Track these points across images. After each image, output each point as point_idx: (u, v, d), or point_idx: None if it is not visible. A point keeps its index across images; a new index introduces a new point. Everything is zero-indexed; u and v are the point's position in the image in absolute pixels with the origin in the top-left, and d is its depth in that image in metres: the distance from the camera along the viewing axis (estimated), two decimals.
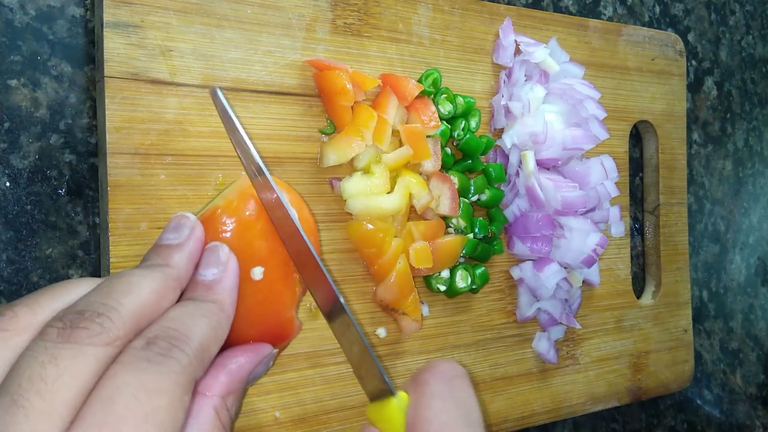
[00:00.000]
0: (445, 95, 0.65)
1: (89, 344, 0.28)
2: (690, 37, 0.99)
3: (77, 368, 0.27)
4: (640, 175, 0.89)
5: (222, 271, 0.37)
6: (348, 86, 0.57)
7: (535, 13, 0.74)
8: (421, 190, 0.61)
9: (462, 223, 0.65)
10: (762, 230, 1.07)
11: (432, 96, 0.64)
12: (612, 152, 0.78)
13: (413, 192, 0.61)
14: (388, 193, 0.60)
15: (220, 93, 0.38)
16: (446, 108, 0.65)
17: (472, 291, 0.67)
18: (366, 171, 0.60)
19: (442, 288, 0.65)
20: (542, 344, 0.73)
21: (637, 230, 0.89)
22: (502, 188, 0.70)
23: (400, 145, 0.61)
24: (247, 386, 0.38)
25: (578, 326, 0.74)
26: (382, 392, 0.40)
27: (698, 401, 0.98)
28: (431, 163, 0.62)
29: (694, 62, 0.99)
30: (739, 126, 1.05)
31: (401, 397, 0.40)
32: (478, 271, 0.67)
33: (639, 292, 0.87)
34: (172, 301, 0.33)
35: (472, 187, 0.66)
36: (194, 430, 0.32)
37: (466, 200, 0.66)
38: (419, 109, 0.62)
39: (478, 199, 0.68)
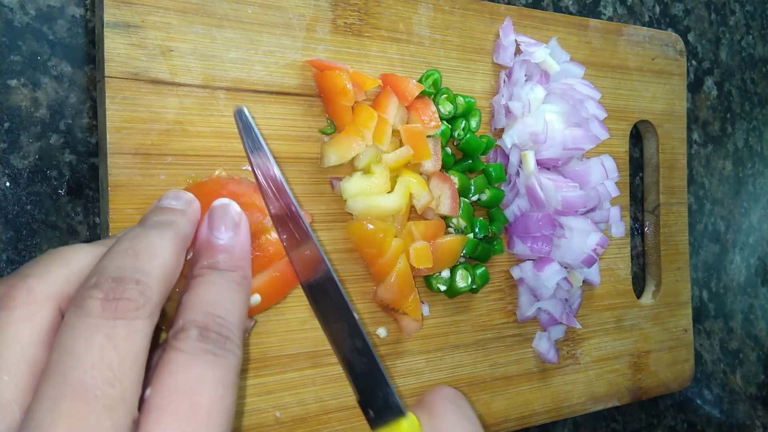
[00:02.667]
0: (445, 95, 0.65)
1: (137, 317, 0.27)
2: (690, 37, 0.99)
3: (135, 349, 0.27)
4: (640, 175, 0.89)
5: (236, 233, 0.36)
6: (348, 86, 0.57)
7: (535, 13, 0.74)
8: (422, 190, 0.61)
9: (462, 223, 0.65)
10: (762, 230, 1.07)
11: (432, 96, 0.64)
12: (612, 152, 0.78)
13: (413, 192, 0.61)
14: (389, 193, 0.60)
15: (246, 112, 0.38)
16: (446, 108, 0.65)
17: (473, 291, 0.67)
18: (366, 171, 0.60)
19: (443, 288, 0.65)
20: (542, 344, 0.73)
21: (637, 230, 0.89)
22: (502, 188, 0.70)
23: (401, 145, 0.61)
24: None
25: (578, 326, 0.74)
26: (390, 414, 0.38)
27: (698, 401, 0.98)
28: (431, 163, 0.62)
29: (694, 62, 0.99)
30: (739, 126, 1.05)
31: (412, 418, 0.38)
32: (479, 270, 0.67)
33: (639, 291, 0.87)
34: (182, 263, 0.33)
35: (473, 187, 0.66)
36: None
37: (466, 200, 0.66)
38: (419, 109, 0.62)
39: (479, 199, 0.68)
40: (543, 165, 0.70)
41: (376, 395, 0.38)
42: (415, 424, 0.38)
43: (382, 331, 0.63)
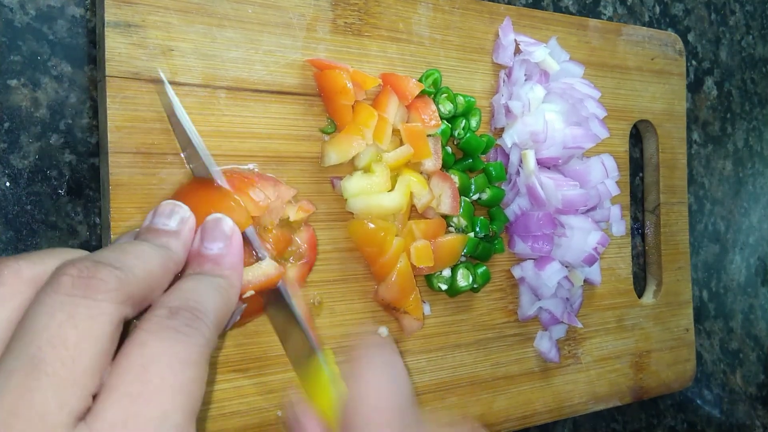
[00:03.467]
0: (445, 95, 0.65)
1: (105, 300, 0.27)
2: (690, 37, 0.99)
3: (96, 331, 0.26)
4: (641, 174, 0.89)
5: (227, 245, 0.36)
6: (348, 86, 0.57)
7: (535, 13, 0.74)
8: (422, 189, 0.61)
9: (463, 222, 0.65)
10: (762, 230, 1.07)
11: (432, 96, 0.64)
12: (612, 152, 0.78)
13: (414, 191, 0.61)
14: (389, 192, 0.60)
15: (167, 84, 0.40)
16: (446, 107, 0.65)
17: (474, 290, 0.67)
18: (367, 170, 0.60)
19: (444, 287, 0.65)
20: (544, 343, 0.73)
21: (637, 230, 0.89)
22: (502, 187, 0.70)
23: (401, 144, 0.61)
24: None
25: (580, 325, 0.74)
26: (308, 352, 0.42)
27: (698, 401, 0.98)
28: (432, 162, 0.62)
29: (694, 62, 0.99)
30: (739, 126, 1.05)
31: (327, 352, 0.42)
32: (480, 270, 0.67)
33: (640, 291, 0.87)
34: (169, 282, 0.33)
35: (473, 186, 0.66)
36: None
37: (466, 199, 0.66)
38: (420, 109, 0.62)
39: (479, 198, 0.68)
40: (543, 164, 0.70)
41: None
42: (329, 356, 0.42)
43: (383, 330, 0.63)
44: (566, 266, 0.72)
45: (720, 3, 1.03)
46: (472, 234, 0.66)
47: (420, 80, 0.63)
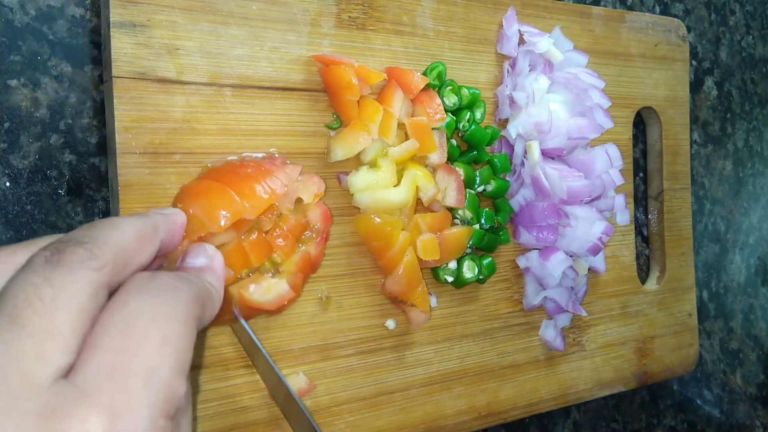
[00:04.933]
0: (450, 87, 0.65)
1: (80, 267, 0.27)
2: (690, 37, 0.99)
3: (72, 289, 0.26)
4: (644, 161, 0.89)
5: (210, 260, 0.38)
6: (354, 81, 0.57)
7: (538, 2, 0.74)
8: (428, 183, 0.61)
9: (468, 214, 0.65)
10: (762, 230, 1.07)
11: (437, 89, 0.64)
12: (615, 139, 0.78)
13: (420, 185, 0.61)
14: (395, 186, 0.60)
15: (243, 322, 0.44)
16: (451, 100, 0.65)
17: (479, 281, 0.67)
18: (373, 165, 0.60)
19: (450, 279, 0.65)
20: (549, 332, 0.73)
21: (641, 216, 0.89)
22: (507, 178, 0.71)
23: (406, 138, 0.61)
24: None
25: (584, 313, 0.74)
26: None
27: (698, 401, 0.98)
28: (437, 156, 0.62)
29: (694, 62, 0.99)
30: (739, 126, 1.05)
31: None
32: (485, 261, 0.67)
33: (644, 277, 0.87)
34: (151, 253, 0.32)
35: (478, 178, 0.67)
36: None
37: (471, 191, 0.66)
38: (424, 102, 0.62)
39: (484, 190, 0.68)
40: (548, 155, 0.70)
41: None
42: None
43: (390, 323, 0.63)
44: (571, 256, 0.72)
45: (720, 3, 1.03)
46: (477, 226, 0.66)
47: (424, 73, 0.63)
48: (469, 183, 0.66)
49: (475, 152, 0.67)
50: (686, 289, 0.88)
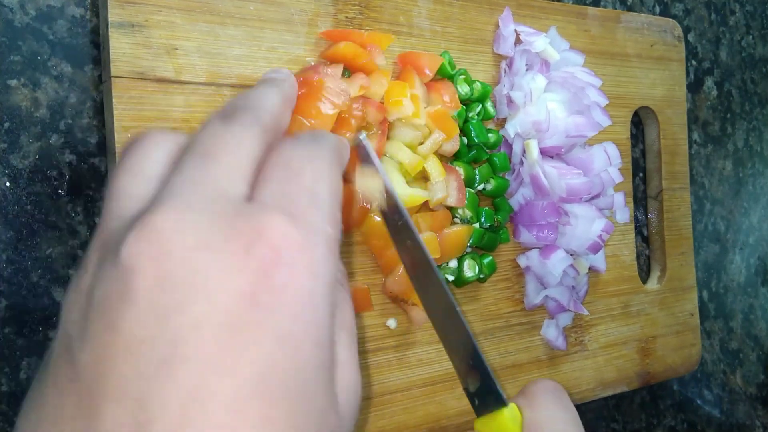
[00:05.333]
0: (463, 76, 0.66)
1: (251, 125, 0.31)
2: (690, 37, 0.99)
3: (248, 135, 0.30)
4: (643, 161, 0.89)
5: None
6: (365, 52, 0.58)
7: (533, 3, 0.74)
8: (440, 176, 0.62)
9: (468, 213, 0.65)
10: (762, 230, 1.07)
11: (450, 78, 0.65)
12: (614, 139, 0.78)
13: (434, 179, 0.62)
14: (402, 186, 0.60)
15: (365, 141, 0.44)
16: (464, 89, 0.66)
17: (480, 280, 0.67)
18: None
19: (451, 278, 0.65)
20: (551, 331, 0.73)
21: (640, 216, 0.89)
22: (506, 177, 0.71)
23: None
24: None
25: (586, 312, 0.74)
26: (493, 403, 0.42)
27: (698, 401, 0.98)
28: (451, 145, 0.63)
29: (694, 62, 0.99)
30: (739, 126, 1.05)
31: (513, 408, 0.42)
32: (486, 260, 0.67)
33: (644, 277, 0.87)
34: (290, 115, 0.37)
35: (477, 177, 0.67)
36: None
37: (471, 190, 0.66)
38: (440, 89, 0.63)
39: (484, 189, 0.68)
40: (546, 153, 0.71)
41: (482, 385, 0.42)
42: (516, 414, 0.41)
43: (392, 323, 0.63)
44: (571, 254, 0.72)
45: (720, 3, 1.03)
46: (477, 225, 0.66)
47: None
48: (468, 182, 0.66)
49: (474, 152, 0.67)
50: (687, 288, 0.88)
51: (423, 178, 0.63)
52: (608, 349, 0.79)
